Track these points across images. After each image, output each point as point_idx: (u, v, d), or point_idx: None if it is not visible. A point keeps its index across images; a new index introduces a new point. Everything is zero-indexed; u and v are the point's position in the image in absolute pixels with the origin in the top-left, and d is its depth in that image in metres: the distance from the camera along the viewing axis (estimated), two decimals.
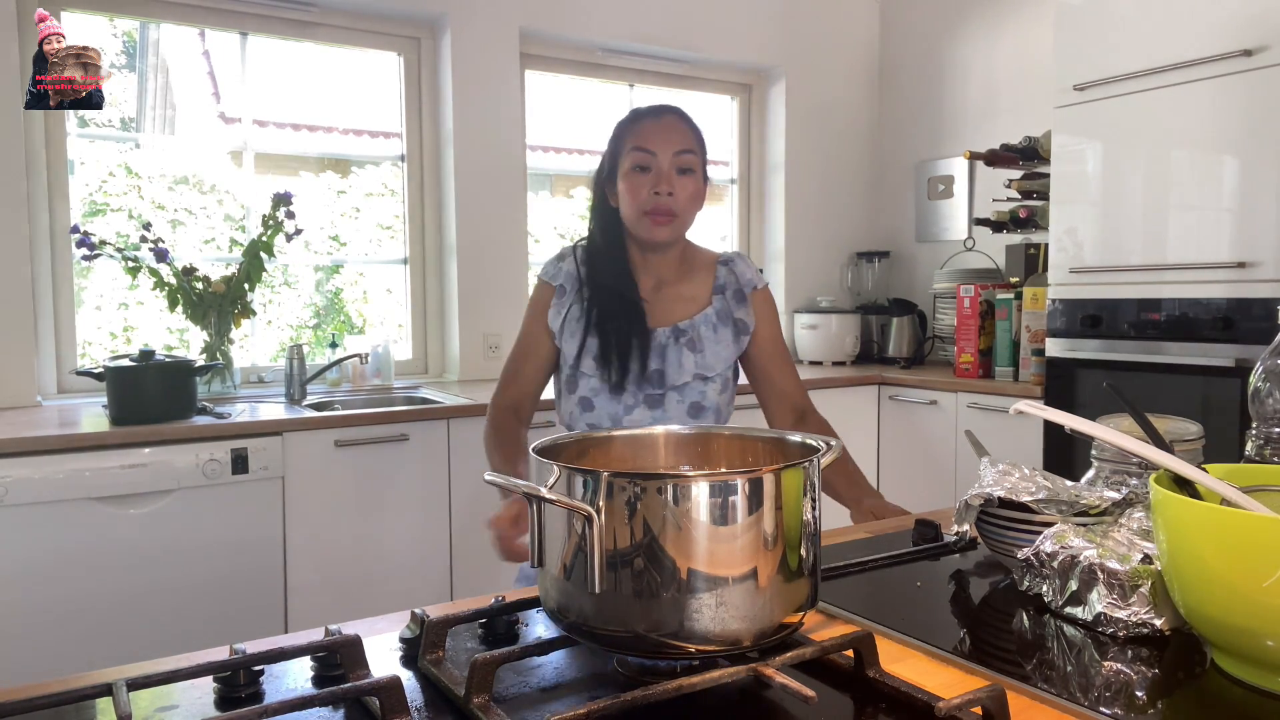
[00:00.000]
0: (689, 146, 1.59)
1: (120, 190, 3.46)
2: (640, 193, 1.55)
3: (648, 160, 1.55)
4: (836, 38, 4.06)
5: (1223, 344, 2.35)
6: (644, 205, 1.55)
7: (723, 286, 1.67)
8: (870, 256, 4.07)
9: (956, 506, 1.04)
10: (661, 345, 1.61)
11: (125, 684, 0.68)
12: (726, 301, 1.67)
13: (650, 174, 1.55)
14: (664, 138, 1.56)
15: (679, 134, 1.58)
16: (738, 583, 0.69)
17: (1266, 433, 1.00)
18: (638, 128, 1.59)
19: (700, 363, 1.61)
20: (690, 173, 1.57)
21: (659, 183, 1.54)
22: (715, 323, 1.64)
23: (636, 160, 1.56)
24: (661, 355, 1.61)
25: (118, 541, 2.19)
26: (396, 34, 3.25)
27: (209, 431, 2.29)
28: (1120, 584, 0.84)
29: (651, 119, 1.59)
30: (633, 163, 1.56)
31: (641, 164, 1.55)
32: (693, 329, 1.62)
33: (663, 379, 1.61)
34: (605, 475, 0.69)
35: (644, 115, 1.61)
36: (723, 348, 1.63)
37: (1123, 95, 2.54)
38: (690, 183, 1.58)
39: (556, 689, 0.75)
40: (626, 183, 1.57)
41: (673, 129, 1.58)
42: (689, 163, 1.57)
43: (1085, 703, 0.71)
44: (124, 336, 3.38)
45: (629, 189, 1.56)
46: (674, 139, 1.57)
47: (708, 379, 1.62)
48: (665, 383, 1.60)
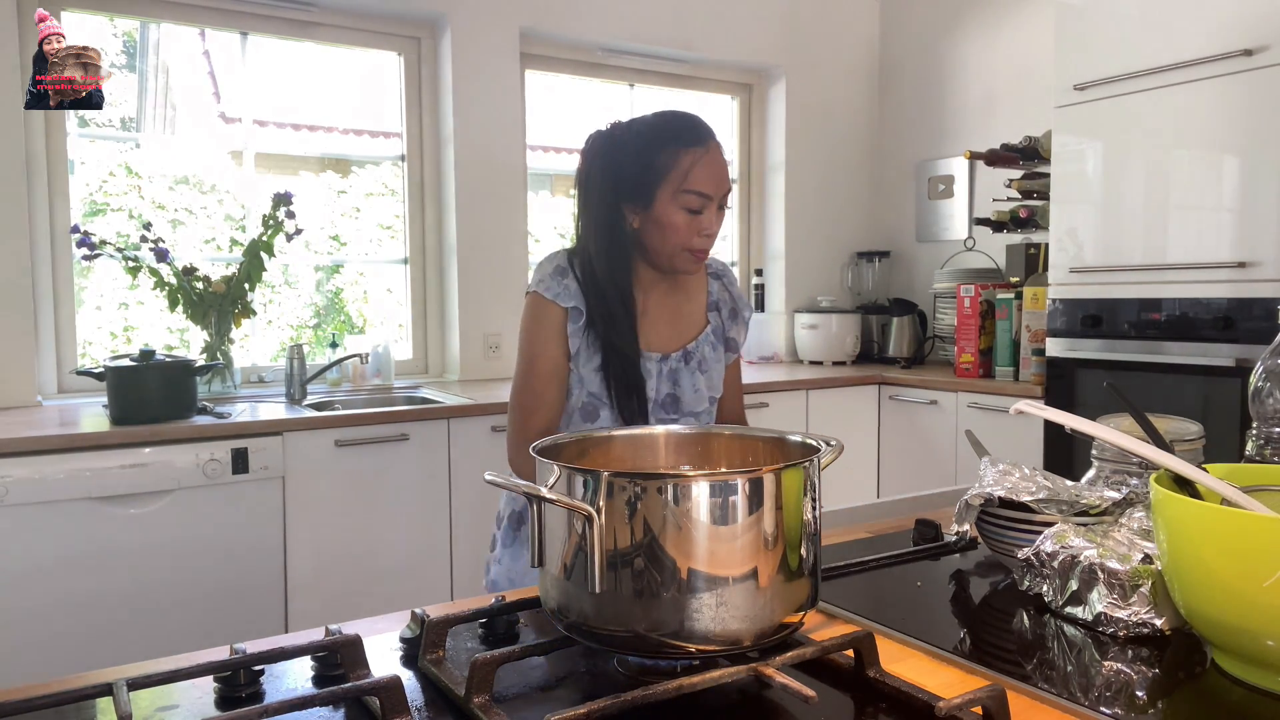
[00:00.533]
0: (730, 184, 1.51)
1: (120, 190, 3.47)
2: (688, 235, 1.45)
3: (702, 204, 1.45)
4: (836, 38, 4.06)
5: (1223, 344, 2.35)
6: (689, 244, 1.46)
7: (716, 303, 1.61)
8: (870, 256, 4.07)
9: (956, 506, 1.05)
10: (674, 371, 1.54)
11: (125, 684, 0.68)
12: (722, 320, 1.61)
13: (701, 217, 1.45)
14: (717, 178, 1.46)
15: (725, 169, 1.49)
16: (738, 583, 0.69)
17: (1266, 433, 1.00)
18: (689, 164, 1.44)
19: (710, 384, 1.57)
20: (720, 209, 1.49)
21: (710, 226, 1.46)
22: (714, 341, 1.60)
23: (689, 204, 1.44)
24: (674, 380, 1.54)
25: (118, 541, 2.19)
26: (396, 34, 3.25)
27: (209, 431, 2.29)
28: (1120, 584, 0.83)
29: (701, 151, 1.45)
30: (684, 205, 1.45)
31: (693, 208, 1.45)
32: (698, 350, 1.57)
33: (677, 404, 1.54)
34: (605, 475, 0.69)
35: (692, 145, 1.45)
36: (721, 368, 1.60)
37: (1123, 95, 2.54)
38: (723, 217, 1.51)
39: (556, 689, 0.75)
40: (670, 219, 1.45)
41: (721, 165, 1.47)
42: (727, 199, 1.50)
43: (1085, 703, 0.71)
44: (124, 336, 3.39)
45: (673, 228, 1.45)
46: (724, 177, 1.48)
47: (713, 399, 1.58)
48: (681, 408, 1.54)
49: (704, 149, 1.45)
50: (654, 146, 1.47)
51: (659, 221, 1.45)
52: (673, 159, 1.45)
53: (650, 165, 1.46)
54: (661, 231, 1.46)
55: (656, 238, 1.47)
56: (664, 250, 1.47)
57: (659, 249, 1.48)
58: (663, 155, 1.45)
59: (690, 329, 1.58)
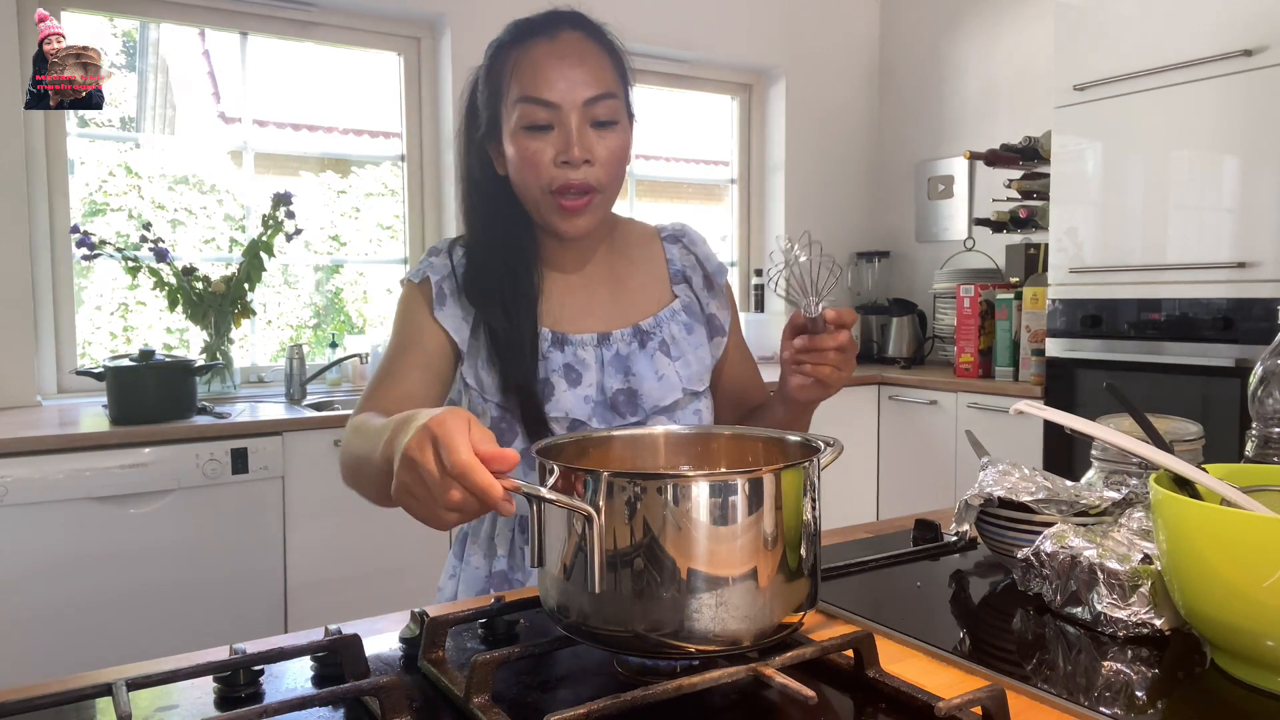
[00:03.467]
0: (607, 87, 1.08)
1: (120, 190, 3.47)
2: (540, 165, 1.07)
3: (546, 116, 1.06)
4: (836, 38, 4.06)
5: (1223, 344, 2.35)
6: (548, 183, 1.08)
7: (683, 272, 1.25)
8: (870, 256, 4.07)
9: (956, 506, 1.05)
10: (623, 357, 1.17)
11: (125, 684, 0.68)
12: (695, 293, 1.25)
13: (552, 134, 1.07)
14: (567, 77, 1.06)
15: (590, 67, 1.07)
16: (738, 583, 0.69)
17: (1266, 433, 0.99)
18: (527, 65, 1.07)
19: (686, 373, 1.19)
20: (611, 125, 1.09)
21: (567, 148, 1.06)
22: (686, 320, 1.23)
23: (529, 119, 1.06)
24: (625, 368, 1.16)
25: (118, 541, 2.19)
26: (396, 34, 3.25)
27: (209, 431, 2.29)
28: (1120, 584, 0.83)
29: (543, 43, 1.07)
30: (524, 123, 1.07)
31: (537, 123, 1.07)
32: (660, 329, 1.20)
33: (635, 400, 1.15)
34: (605, 475, 0.69)
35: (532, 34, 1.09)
36: (704, 353, 1.23)
37: (1123, 95, 2.54)
38: (613, 138, 1.10)
39: (556, 689, 0.75)
40: (517, 148, 1.08)
41: (580, 58, 1.07)
42: (609, 111, 1.09)
43: (1085, 703, 0.71)
44: (124, 336, 3.38)
45: (522, 160, 1.08)
46: (583, 77, 1.06)
47: (699, 394, 1.21)
48: (642, 404, 1.15)
49: (548, 39, 1.08)
50: (498, 56, 1.11)
51: (510, 160, 1.11)
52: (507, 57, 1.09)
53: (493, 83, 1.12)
54: (516, 171, 1.10)
55: (517, 182, 1.12)
56: (527, 199, 1.11)
57: (524, 198, 1.12)
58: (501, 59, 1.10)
59: (644, 303, 1.22)
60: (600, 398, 1.15)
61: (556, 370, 1.14)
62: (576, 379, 1.15)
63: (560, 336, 1.16)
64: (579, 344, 1.16)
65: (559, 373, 1.14)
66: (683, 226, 1.29)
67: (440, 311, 1.14)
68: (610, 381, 1.15)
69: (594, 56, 1.09)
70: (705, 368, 1.22)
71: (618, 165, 1.11)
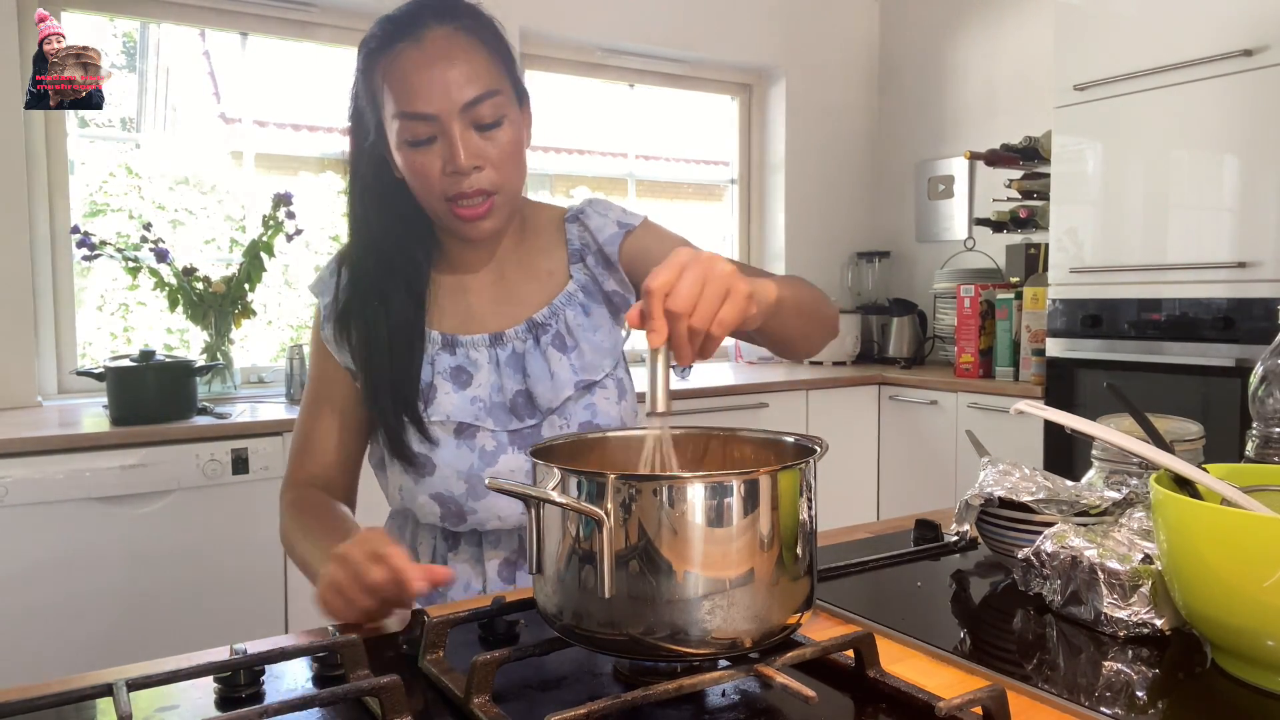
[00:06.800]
0: (485, 84, 1.02)
1: (120, 190, 3.47)
2: (430, 177, 1.04)
3: (426, 129, 1.02)
4: (836, 38, 4.06)
5: (1223, 344, 2.35)
6: (441, 194, 1.05)
7: (580, 251, 1.19)
8: (870, 256, 4.07)
9: (956, 506, 1.04)
10: (517, 356, 1.13)
11: (125, 684, 0.68)
12: (590, 271, 1.18)
13: (437, 145, 1.03)
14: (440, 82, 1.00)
15: (464, 67, 1.01)
16: (744, 584, 0.69)
17: (1266, 433, 0.99)
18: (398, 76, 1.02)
19: (580, 364, 1.13)
20: (498, 125, 1.04)
21: (453, 159, 1.02)
22: (584, 302, 1.16)
23: (410, 135, 1.03)
24: (520, 368, 1.13)
25: (118, 541, 2.19)
26: None
27: (209, 431, 2.29)
28: (1120, 584, 0.83)
29: (409, 49, 1.01)
30: (403, 133, 1.03)
31: (416, 136, 1.03)
32: (556, 319, 1.14)
33: (532, 402, 1.12)
34: (613, 478, 0.68)
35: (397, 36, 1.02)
36: (603, 337, 1.16)
37: (1123, 95, 2.54)
38: (502, 134, 1.05)
39: (556, 689, 0.75)
40: (404, 163, 1.06)
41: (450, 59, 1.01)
42: (493, 109, 1.03)
43: (1085, 703, 0.71)
44: (124, 336, 3.38)
45: (411, 174, 1.06)
46: (458, 79, 1.01)
47: (593, 385, 1.14)
48: (538, 406, 1.11)
49: (414, 43, 1.01)
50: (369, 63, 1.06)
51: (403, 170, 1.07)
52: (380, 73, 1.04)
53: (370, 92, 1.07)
54: (409, 182, 1.08)
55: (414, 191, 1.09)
56: (427, 208, 1.09)
57: (424, 207, 1.10)
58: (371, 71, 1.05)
59: (541, 293, 1.16)
60: (498, 399, 1.12)
61: (443, 373, 1.12)
62: (466, 380, 1.12)
63: (450, 339, 1.14)
64: (470, 345, 1.13)
65: (445, 375, 1.12)
66: (586, 203, 1.22)
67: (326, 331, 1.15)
68: (509, 383, 1.13)
69: (466, 52, 1.02)
70: (605, 351, 1.16)
71: (511, 162, 1.07)
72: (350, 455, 1.19)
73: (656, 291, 0.72)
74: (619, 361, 1.18)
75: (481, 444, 1.11)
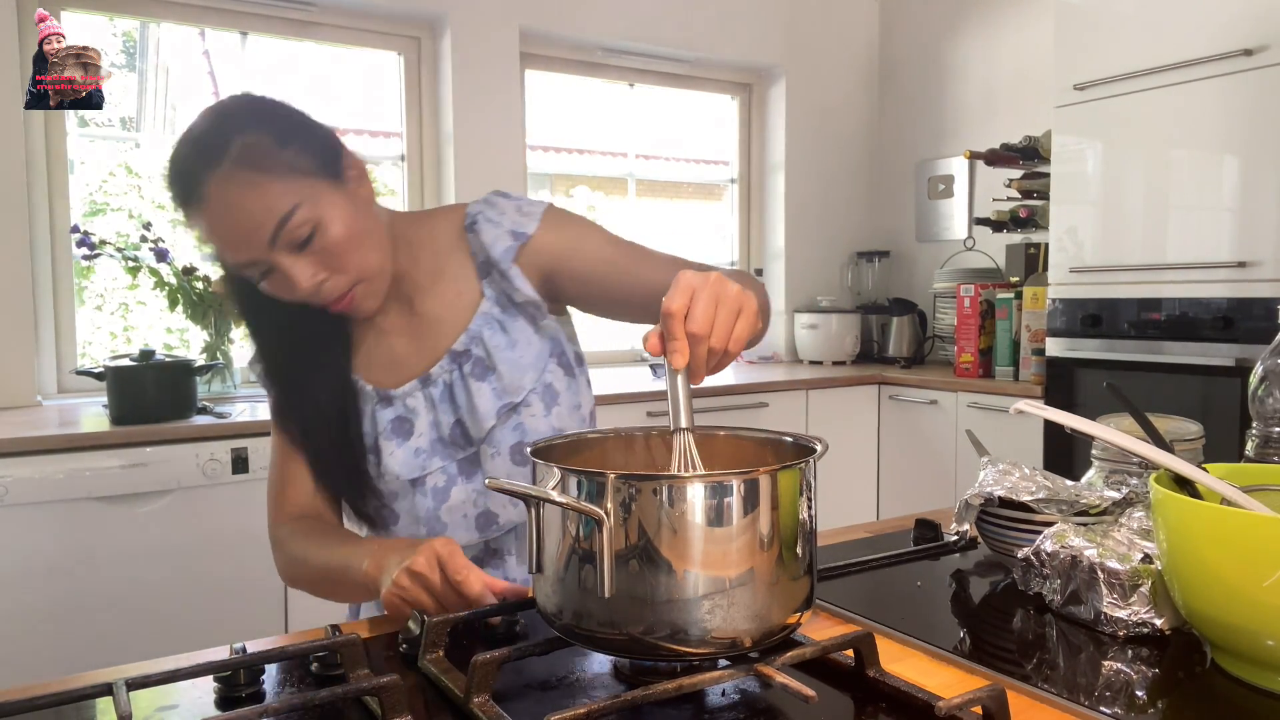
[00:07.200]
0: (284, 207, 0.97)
1: (120, 190, 3.46)
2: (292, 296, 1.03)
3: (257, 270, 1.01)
4: (836, 38, 4.06)
5: (1223, 344, 2.35)
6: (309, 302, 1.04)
7: (486, 265, 1.13)
8: (870, 256, 4.07)
9: (956, 506, 1.05)
10: (448, 386, 1.12)
11: (125, 684, 0.68)
12: (497, 284, 1.13)
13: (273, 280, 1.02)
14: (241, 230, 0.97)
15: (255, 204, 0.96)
16: (744, 583, 0.69)
17: (1266, 433, 0.99)
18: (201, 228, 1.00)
19: (500, 388, 1.11)
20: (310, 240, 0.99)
21: (293, 289, 1.01)
22: (500, 319, 1.13)
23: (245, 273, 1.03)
24: (450, 398, 1.12)
25: (118, 541, 2.19)
26: (396, 33, 3.25)
27: (209, 431, 2.29)
28: (1120, 584, 0.84)
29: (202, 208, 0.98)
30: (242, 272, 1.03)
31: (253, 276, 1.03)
32: (474, 344, 1.12)
33: (465, 432, 1.12)
34: (612, 477, 0.68)
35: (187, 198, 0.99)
36: (523, 351, 1.12)
37: (1123, 95, 2.54)
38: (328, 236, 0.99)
39: (556, 689, 0.75)
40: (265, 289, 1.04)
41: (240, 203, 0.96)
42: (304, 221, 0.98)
43: (1085, 702, 0.71)
44: (124, 336, 3.38)
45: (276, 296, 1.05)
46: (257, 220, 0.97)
47: (517, 406, 1.11)
48: (469, 435, 1.12)
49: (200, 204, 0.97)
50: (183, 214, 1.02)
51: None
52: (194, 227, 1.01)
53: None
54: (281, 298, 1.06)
55: None
56: None
57: None
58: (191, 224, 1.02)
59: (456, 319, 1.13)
60: (436, 435, 1.12)
61: (385, 431, 1.12)
62: (408, 430, 1.12)
63: (384, 393, 1.13)
64: (405, 395, 1.13)
65: (387, 432, 1.12)
66: (479, 209, 1.15)
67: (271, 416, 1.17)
68: (444, 417, 1.12)
69: (247, 189, 0.96)
70: (525, 367, 1.12)
71: (352, 251, 1.02)
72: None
73: (676, 315, 0.75)
74: (545, 368, 1.14)
75: (433, 484, 1.12)
